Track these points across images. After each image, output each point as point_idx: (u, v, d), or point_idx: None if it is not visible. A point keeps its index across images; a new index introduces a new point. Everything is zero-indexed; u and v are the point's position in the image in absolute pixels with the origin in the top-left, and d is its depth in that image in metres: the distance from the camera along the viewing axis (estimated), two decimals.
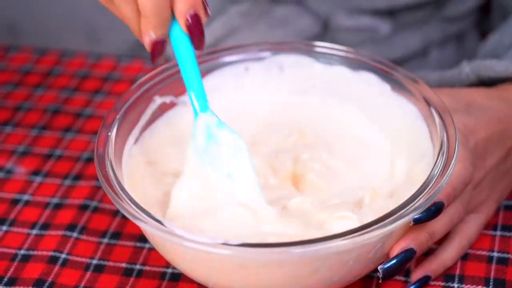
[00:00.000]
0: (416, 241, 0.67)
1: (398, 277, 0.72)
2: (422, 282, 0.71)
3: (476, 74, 0.81)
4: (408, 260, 0.66)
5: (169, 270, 0.74)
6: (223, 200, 0.69)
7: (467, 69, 0.81)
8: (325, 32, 1.01)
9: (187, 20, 0.66)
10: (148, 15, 0.65)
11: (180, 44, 0.68)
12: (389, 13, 1.00)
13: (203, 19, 0.67)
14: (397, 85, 0.77)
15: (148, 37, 0.66)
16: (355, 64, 0.79)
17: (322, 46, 0.80)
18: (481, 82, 0.81)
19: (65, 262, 0.75)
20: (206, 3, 0.67)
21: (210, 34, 1.02)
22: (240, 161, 0.70)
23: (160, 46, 0.67)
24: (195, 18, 0.67)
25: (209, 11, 0.67)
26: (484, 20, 1.08)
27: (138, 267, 0.75)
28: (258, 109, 0.81)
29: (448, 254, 0.72)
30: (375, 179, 0.73)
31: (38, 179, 0.84)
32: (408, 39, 1.02)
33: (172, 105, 0.79)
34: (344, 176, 0.74)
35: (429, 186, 0.65)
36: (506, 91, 0.79)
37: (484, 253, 0.74)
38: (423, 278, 0.71)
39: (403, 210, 0.64)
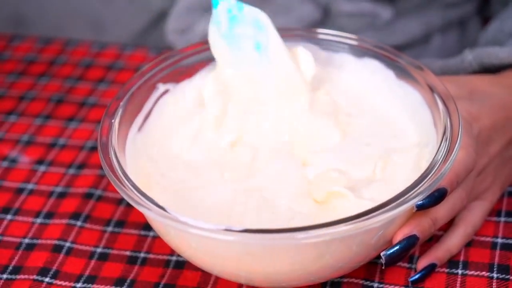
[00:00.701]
0: (419, 227, 0.67)
1: (401, 264, 0.72)
2: (428, 270, 0.71)
3: (479, 61, 0.81)
4: (411, 246, 0.66)
5: (174, 258, 0.74)
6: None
7: (469, 56, 0.81)
8: (326, 18, 1.01)
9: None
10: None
11: None
12: None
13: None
14: (402, 72, 0.77)
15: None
16: (359, 51, 0.79)
17: (326, 33, 0.80)
18: (484, 69, 0.81)
19: (69, 251, 0.75)
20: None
21: None
22: (267, 33, 0.74)
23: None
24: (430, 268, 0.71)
25: None
26: (485, 6, 1.07)
27: (142, 255, 0.75)
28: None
29: (453, 242, 0.72)
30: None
31: (42, 168, 0.85)
32: (409, 25, 1.02)
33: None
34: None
35: (432, 172, 0.65)
36: (508, 78, 0.79)
37: (488, 239, 0.74)
38: (429, 266, 0.71)
39: (406, 196, 0.64)
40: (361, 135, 0.74)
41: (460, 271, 0.72)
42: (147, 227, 0.77)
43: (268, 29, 0.74)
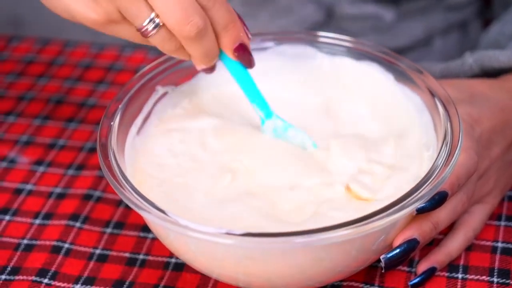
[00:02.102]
0: (419, 231, 0.66)
1: (401, 267, 0.72)
2: (428, 274, 0.71)
3: (480, 64, 0.81)
4: (411, 250, 0.66)
5: (173, 260, 0.74)
6: None
7: (470, 60, 0.81)
8: (329, 20, 1.01)
9: (234, 52, 0.70)
10: (197, 58, 0.70)
11: (233, 66, 0.72)
12: (393, 1, 1.00)
13: (248, 44, 0.71)
14: (401, 75, 0.77)
15: (199, 68, 0.71)
16: (359, 54, 0.79)
17: (325, 36, 0.80)
18: (484, 72, 0.81)
19: (68, 252, 0.75)
20: (245, 26, 0.71)
21: None
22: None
23: (210, 69, 0.72)
24: (241, 47, 0.71)
25: (249, 34, 0.71)
26: (486, 9, 1.08)
27: (141, 257, 0.75)
28: None
29: (453, 245, 0.72)
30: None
31: (41, 168, 0.84)
32: (412, 28, 1.02)
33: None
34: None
35: (433, 176, 0.65)
36: (507, 82, 0.79)
37: (488, 243, 0.74)
38: (429, 270, 0.71)
39: (407, 200, 0.63)
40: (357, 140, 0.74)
41: (460, 275, 0.72)
42: (146, 228, 0.77)
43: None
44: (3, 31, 1.12)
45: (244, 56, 0.71)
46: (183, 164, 0.73)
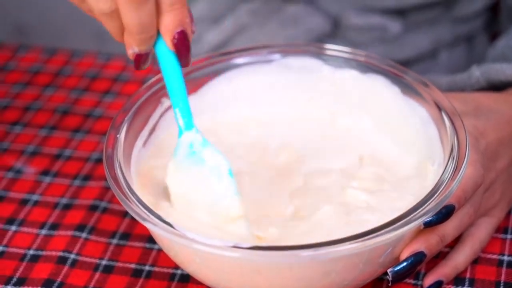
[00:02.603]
0: (426, 244, 0.67)
1: (408, 280, 0.72)
2: (435, 287, 0.71)
3: (486, 77, 0.81)
4: (418, 263, 0.66)
5: (179, 272, 0.74)
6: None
7: (477, 73, 0.81)
8: (336, 30, 1.01)
9: (174, 37, 0.64)
10: (132, 32, 0.63)
11: (166, 59, 0.66)
12: (399, 12, 1.00)
13: (190, 35, 0.65)
14: (407, 88, 0.77)
15: (131, 51, 0.65)
16: (365, 67, 0.79)
17: (331, 48, 0.80)
18: (491, 86, 0.81)
19: (74, 263, 0.75)
20: (192, 17, 0.65)
21: (220, 32, 1.02)
22: (221, 183, 0.68)
23: (143, 58, 0.66)
24: (182, 35, 0.64)
25: (194, 28, 0.65)
26: (493, 23, 1.08)
27: (147, 268, 0.75)
28: (263, 112, 0.81)
29: (460, 258, 0.72)
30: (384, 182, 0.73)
31: (47, 179, 0.85)
32: (418, 39, 1.02)
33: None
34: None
35: (440, 190, 0.65)
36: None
37: (494, 256, 0.74)
38: (436, 283, 0.71)
39: (414, 214, 0.64)
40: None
41: None
42: (152, 239, 0.77)
43: (224, 180, 0.67)
44: (9, 40, 1.13)
45: (182, 47, 0.64)
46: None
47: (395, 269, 0.66)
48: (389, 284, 0.69)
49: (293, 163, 0.76)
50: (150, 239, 0.77)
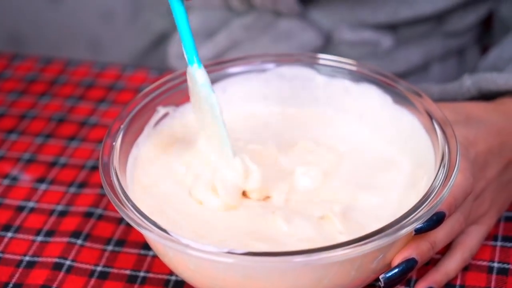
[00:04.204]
0: (417, 250, 0.67)
1: (399, 287, 0.73)
2: None
3: (477, 87, 0.81)
4: (409, 269, 0.67)
5: (173, 278, 0.75)
6: None
7: (468, 82, 0.82)
8: (328, 45, 1.02)
9: None
10: None
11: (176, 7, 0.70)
12: (391, 27, 1.01)
13: None
14: (399, 98, 0.77)
15: None
16: (358, 77, 0.80)
17: (324, 58, 0.81)
18: (482, 95, 0.82)
19: (69, 269, 0.76)
20: None
21: (214, 46, 1.03)
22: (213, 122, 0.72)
23: None
24: None
25: None
26: (485, 36, 1.09)
27: (142, 274, 0.75)
28: (259, 121, 0.82)
29: (451, 265, 0.73)
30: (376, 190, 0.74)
31: (43, 186, 0.85)
32: (410, 54, 1.03)
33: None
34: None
35: (431, 197, 0.66)
36: (502, 105, 0.80)
37: (484, 263, 0.75)
38: None
39: (405, 220, 0.64)
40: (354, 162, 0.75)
41: None
42: (147, 246, 0.77)
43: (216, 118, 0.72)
44: (4, 48, 1.13)
45: None
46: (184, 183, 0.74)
47: (387, 275, 0.67)
48: None
49: (287, 169, 0.76)
50: (145, 246, 0.78)
